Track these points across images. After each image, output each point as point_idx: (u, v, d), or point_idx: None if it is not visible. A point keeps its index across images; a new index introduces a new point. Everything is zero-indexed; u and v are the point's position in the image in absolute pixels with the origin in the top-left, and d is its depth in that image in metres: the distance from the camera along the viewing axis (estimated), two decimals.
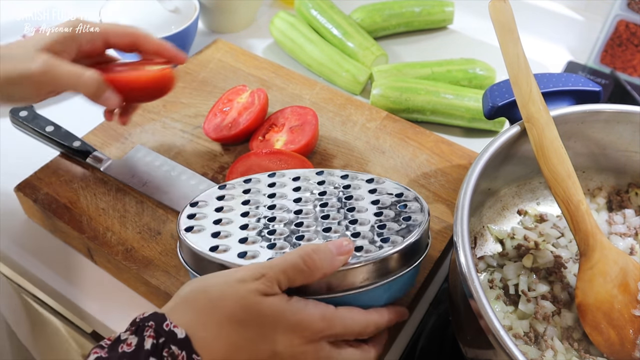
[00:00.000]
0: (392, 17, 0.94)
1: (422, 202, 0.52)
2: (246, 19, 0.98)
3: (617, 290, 0.50)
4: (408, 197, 0.53)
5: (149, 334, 0.39)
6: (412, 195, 0.53)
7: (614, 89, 0.88)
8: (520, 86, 0.53)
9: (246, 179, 0.56)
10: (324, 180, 0.56)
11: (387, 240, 0.48)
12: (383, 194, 0.54)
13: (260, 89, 0.73)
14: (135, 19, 0.82)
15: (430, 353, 0.59)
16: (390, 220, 0.50)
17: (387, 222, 0.50)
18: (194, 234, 0.50)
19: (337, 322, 0.45)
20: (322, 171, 0.57)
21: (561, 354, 0.50)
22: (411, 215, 0.51)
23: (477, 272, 0.49)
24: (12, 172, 0.67)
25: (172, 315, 0.41)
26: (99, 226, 0.62)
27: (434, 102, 0.79)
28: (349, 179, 0.56)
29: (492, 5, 0.55)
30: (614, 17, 0.87)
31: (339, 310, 0.46)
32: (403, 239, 0.48)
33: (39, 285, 0.65)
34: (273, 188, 0.55)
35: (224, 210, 0.52)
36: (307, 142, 0.67)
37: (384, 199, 0.53)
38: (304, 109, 0.71)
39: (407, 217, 0.51)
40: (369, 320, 0.47)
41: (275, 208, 0.52)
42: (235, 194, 0.54)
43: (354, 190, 0.54)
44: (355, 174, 0.56)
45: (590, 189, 0.64)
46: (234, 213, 0.52)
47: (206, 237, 0.49)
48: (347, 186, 0.55)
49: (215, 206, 0.53)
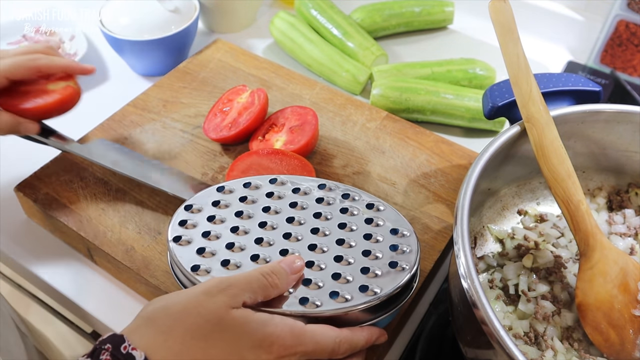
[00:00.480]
0: (392, 17, 0.94)
1: (415, 243, 0.50)
2: (246, 19, 0.98)
3: (617, 290, 0.50)
4: (404, 234, 0.51)
5: (105, 357, 0.38)
6: (408, 231, 0.52)
7: (614, 89, 0.88)
8: (520, 86, 0.53)
9: (246, 182, 0.55)
10: (323, 197, 0.54)
11: (366, 289, 0.47)
12: (379, 226, 0.52)
13: (260, 89, 0.73)
14: (135, 19, 0.82)
15: (430, 353, 0.59)
16: (377, 262, 0.49)
17: (372, 266, 0.48)
18: (181, 246, 0.50)
19: (307, 337, 0.43)
20: (325, 184, 0.55)
21: (561, 354, 0.50)
22: (398, 262, 0.49)
23: (477, 272, 0.49)
24: (12, 172, 0.67)
25: (132, 336, 0.39)
26: (99, 226, 0.62)
27: (434, 102, 0.79)
28: (349, 199, 0.54)
29: (492, 5, 0.55)
30: (614, 17, 0.87)
31: (309, 325, 0.44)
32: (380, 291, 0.47)
33: (39, 285, 0.65)
34: (270, 199, 0.54)
35: (215, 220, 0.52)
36: (306, 142, 0.67)
37: (377, 233, 0.51)
38: (304, 109, 0.71)
39: (394, 263, 0.49)
40: (341, 337, 0.45)
41: (265, 226, 0.51)
42: (231, 201, 0.54)
43: (349, 217, 0.53)
44: (357, 194, 0.55)
45: (590, 189, 0.64)
46: (224, 226, 0.52)
47: (191, 253, 0.49)
48: (344, 210, 0.53)
49: (209, 214, 0.52)
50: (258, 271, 0.45)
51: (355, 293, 0.47)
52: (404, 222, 0.52)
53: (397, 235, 0.51)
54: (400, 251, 0.50)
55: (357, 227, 0.52)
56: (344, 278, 0.48)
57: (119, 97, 0.79)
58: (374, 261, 0.49)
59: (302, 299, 0.46)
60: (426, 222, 0.63)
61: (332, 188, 0.55)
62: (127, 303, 0.61)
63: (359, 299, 0.46)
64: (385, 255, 0.49)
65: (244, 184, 0.55)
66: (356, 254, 0.49)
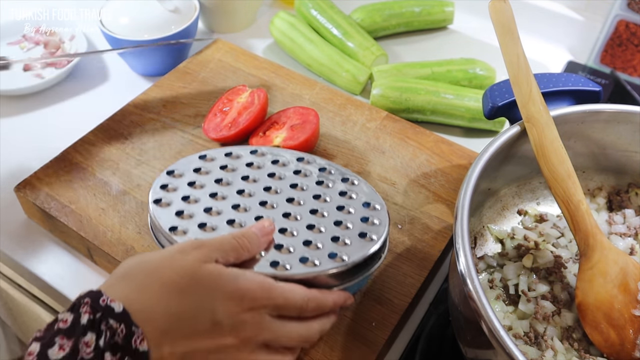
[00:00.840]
0: (392, 17, 0.94)
1: (385, 217, 0.53)
2: (246, 19, 0.98)
3: (617, 290, 0.50)
4: (375, 207, 0.54)
5: (85, 310, 0.39)
6: (380, 205, 0.54)
7: (614, 89, 0.88)
8: (520, 86, 0.53)
9: (228, 151, 0.58)
10: (300, 170, 0.57)
11: (335, 256, 0.49)
12: (352, 199, 0.54)
13: (260, 89, 0.73)
14: (135, 19, 0.82)
15: (430, 353, 0.59)
16: (347, 232, 0.51)
17: (342, 235, 0.51)
18: (160, 208, 0.52)
19: (276, 292, 0.45)
20: (303, 157, 0.58)
21: (561, 354, 0.50)
22: (368, 232, 0.51)
23: (477, 272, 0.49)
24: (12, 172, 0.67)
25: (109, 291, 0.41)
26: (99, 226, 0.62)
27: (434, 102, 0.79)
28: (326, 172, 0.57)
29: (492, 5, 0.55)
30: (614, 17, 0.87)
31: (278, 282, 0.46)
32: (348, 258, 0.49)
33: (39, 285, 0.65)
34: (249, 168, 0.56)
35: (195, 185, 0.54)
36: (306, 139, 0.67)
37: (350, 205, 0.54)
38: (307, 109, 0.71)
39: (364, 234, 0.51)
40: (309, 295, 0.47)
41: (243, 194, 0.54)
42: (212, 169, 0.56)
43: (324, 189, 0.55)
44: (334, 167, 0.57)
45: (590, 189, 0.64)
46: (203, 191, 0.54)
47: (170, 215, 0.52)
48: (320, 182, 0.56)
49: (189, 180, 0.55)
50: (230, 235, 0.47)
51: (324, 259, 0.49)
52: (377, 197, 0.55)
53: (368, 208, 0.54)
54: (371, 223, 0.52)
55: (330, 199, 0.54)
56: (314, 245, 0.50)
57: (119, 97, 0.79)
58: (344, 231, 0.51)
59: (273, 262, 0.48)
60: (426, 222, 0.63)
61: (310, 161, 0.58)
62: None
63: (327, 264, 0.49)
64: (355, 226, 0.52)
65: (225, 153, 0.58)
66: (328, 224, 0.52)
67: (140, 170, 0.67)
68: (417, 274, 0.59)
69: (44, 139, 0.78)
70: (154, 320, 0.41)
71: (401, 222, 0.63)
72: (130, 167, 0.68)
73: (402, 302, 0.56)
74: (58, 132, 0.77)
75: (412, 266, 0.59)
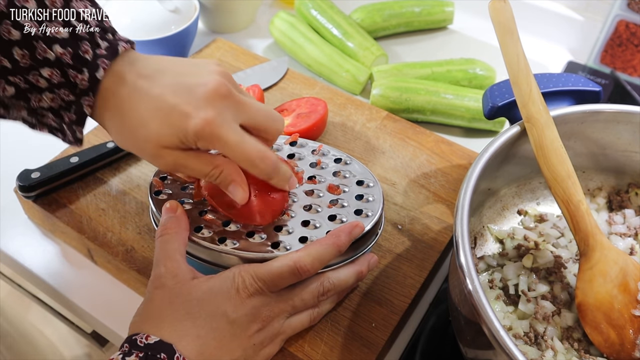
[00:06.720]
0: (392, 17, 0.94)
1: (379, 193, 0.55)
2: (246, 19, 0.98)
3: (617, 290, 0.50)
4: (369, 185, 0.55)
5: None
6: (373, 182, 0.55)
7: (614, 89, 0.88)
8: (520, 86, 0.53)
9: None
10: (294, 153, 0.58)
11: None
12: (345, 178, 0.56)
13: (255, 85, 0.73)
14: (135, 19, 0.82)
15: (430, 353, 0.59)
16: (343, 210, 0.53)
17: (339, 214, 0.52)
18: (161, 200, 0.54)
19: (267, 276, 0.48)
20: (295, 142, 0.59)
21: (561, 354, 0.50)
22: (363, 209, 0.53)
23: (477, 272, 0.49)
24: (12, 172, 0.67)
25: (178, 344, 0.44)
26: (99, 226, 0.62)
27: (434, 102, 0.79)
28: (319, 154, 0.58)
29: (492, 5, 0.55)
30: (614, 17, 0.87)
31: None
32: None
33: (39, 285, 0.65)
34: None
35: None
36: (307, 127, 0.68)
37: (344, 184, 0.55)
38: (318, 100, 0.72)
39: (359, 211, 0.53)
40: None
41: None
42: None
43: (318, 170, 0.56)
44: (326, 149, 0.58)
45: (590, 189, 0.64)
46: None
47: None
48: (313, 164, 0.57)
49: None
50: None
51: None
52: (369, 175, 0.56)
53: (362, 186, 0.55)
54: (365, 200, 0.54)
55: (325, 179, 0.56)
56: (312, 225, 0.52)
57: None
58: (340, 209, 0.53)
59: (274, 243, 0.50)
60: (426, 222, 0.63)
61: (302, 145, 0.59)
62: (127, 303, 0.61)
63: None
64: (351, 204, 0.54)
65: None
66: (324, 203, 0.54)
67: (140, 170, 0.67)
68: (417, 274, 0.59)
69: (44, 138, 0.77)
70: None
71: (401, 223, 0.63)
72: (130, 167, 0.68)
73: (402, 303, 0.56)
74: None
75: (412, 267, 0.59)
